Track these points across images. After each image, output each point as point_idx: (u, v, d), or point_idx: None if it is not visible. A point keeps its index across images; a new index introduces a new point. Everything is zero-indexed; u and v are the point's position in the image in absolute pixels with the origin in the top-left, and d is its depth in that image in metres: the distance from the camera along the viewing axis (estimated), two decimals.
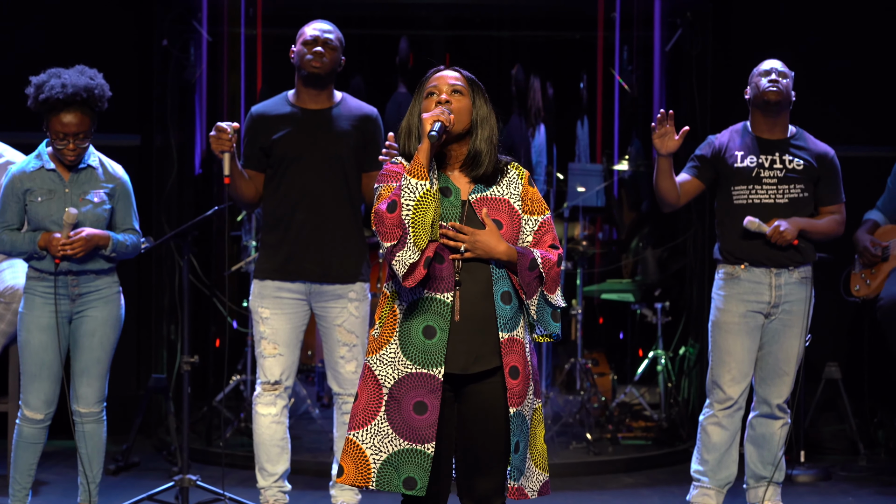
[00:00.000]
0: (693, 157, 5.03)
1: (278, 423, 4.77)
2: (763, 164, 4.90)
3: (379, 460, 3.30)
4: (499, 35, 8.23)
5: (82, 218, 4.55)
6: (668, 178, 4.84)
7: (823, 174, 4.96)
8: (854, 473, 6.23)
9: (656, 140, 4.75)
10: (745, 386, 4.91)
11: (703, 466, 4.97)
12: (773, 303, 4.89)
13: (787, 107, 4.93)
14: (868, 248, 6.14)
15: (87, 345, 4.65)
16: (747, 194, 4.89)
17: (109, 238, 4.58)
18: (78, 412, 4.71)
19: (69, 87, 4.48)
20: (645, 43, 7.66)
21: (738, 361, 4.89)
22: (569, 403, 7.18)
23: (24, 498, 4.72)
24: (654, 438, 6.79)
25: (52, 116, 4.50)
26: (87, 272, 4.60)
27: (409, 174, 3.23)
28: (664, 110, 4.79)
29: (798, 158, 4.92)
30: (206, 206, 6.06)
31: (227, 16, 7.34)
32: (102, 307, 4.66)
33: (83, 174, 4.62)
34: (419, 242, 3.21)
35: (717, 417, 4.92)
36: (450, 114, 3.30)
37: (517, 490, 3.40)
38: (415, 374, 3.28)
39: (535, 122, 7.89)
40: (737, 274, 4.90)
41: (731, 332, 4.89)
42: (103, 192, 4.63)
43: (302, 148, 4.69)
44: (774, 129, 4.95)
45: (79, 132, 4.52)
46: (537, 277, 3.35)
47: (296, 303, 4.75)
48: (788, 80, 4.93)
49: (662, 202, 4.93)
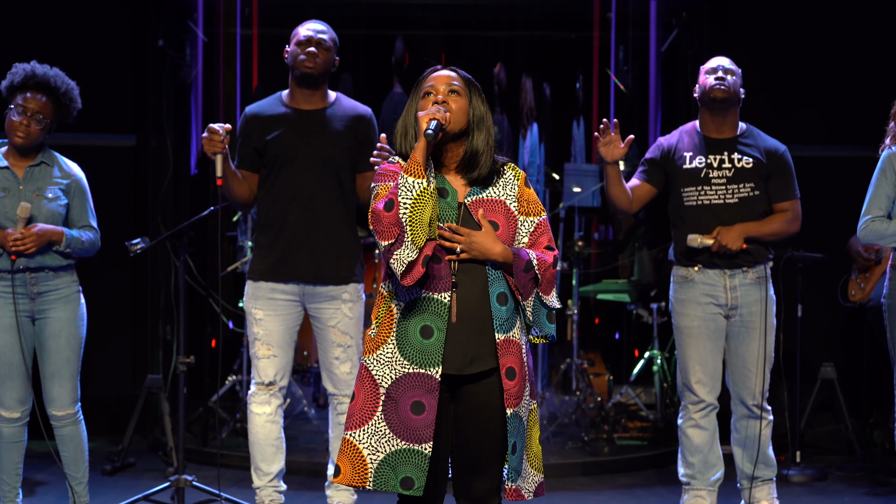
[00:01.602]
0: (643, 161, 5.03)
1: (273, 422, 4.77)
2: (711, 165, 4.88)
3: (376, 460, 3.29)
4: (494, 35, 8.24)
5: (36, 213, 4.55)
6: (618, 184, 4.86)
7: (774, 171, 4.91)
8: (850, 473, 6.23)
9: (602, 148, 4.78)
10: (715, 386, 4.91)
11: (690, 469, 4.97)
12: (729, 304, 4.88)
13: (735, 104, 4.90)
14: (861, 253, 6.14)
15: (55, 346, 4.65)
16: (696, 195, 4.88)
17: (63, 234, 4.58)
18: (54, 416, 4.69)
19: (47, 74, 4.59)
20: (641, 43, 7.67)
21: (702, 364, 4.89)
22: (565, 404, 7.19)
23: (15, 497, 4.72)
24: (650, 439, 6.79)
25: (17, 94, 4.56)
26: (45, 269, 4.60)
27: (406, 172, 3.22)
28: (606, 120, 4.82)
29: (747, 156, 4.89)
30: (202, 207, 6.06)
31: (223, 16, 7.34)
32: (64, 307, 4.65)
33: (37, 171, 4.63)
34: (417, 241, 3.21)
35: (694, 420, 4.93)
36: (446, 112, 3.30)
37: (514, 491, 3.40)
38: (412, 374, 3.28)
39: (528, 122, 7.90)
40: (691, 276, 4.89)
41: (693, 335, 4.89)
42: (58, 189, 4.64)
43: (295, 148, 4.69)
44: (723, 128, 4.93)
45: (38, 112, 4.55)
46: (533, 279, 3.35)
47: (289, 304, 4.75)
48: (736, 77, 4.89)
49: (615, 209, 4.95)
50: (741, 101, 4.91)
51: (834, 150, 7.02)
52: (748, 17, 7.06)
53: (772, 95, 6.78)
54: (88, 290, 4.84)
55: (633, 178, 5.00)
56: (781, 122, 6.43)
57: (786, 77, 6.96)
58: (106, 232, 4.94)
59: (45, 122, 4.58)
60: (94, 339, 6.58)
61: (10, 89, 4.59)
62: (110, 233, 6.20)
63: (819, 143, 6.96)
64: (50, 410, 4.68)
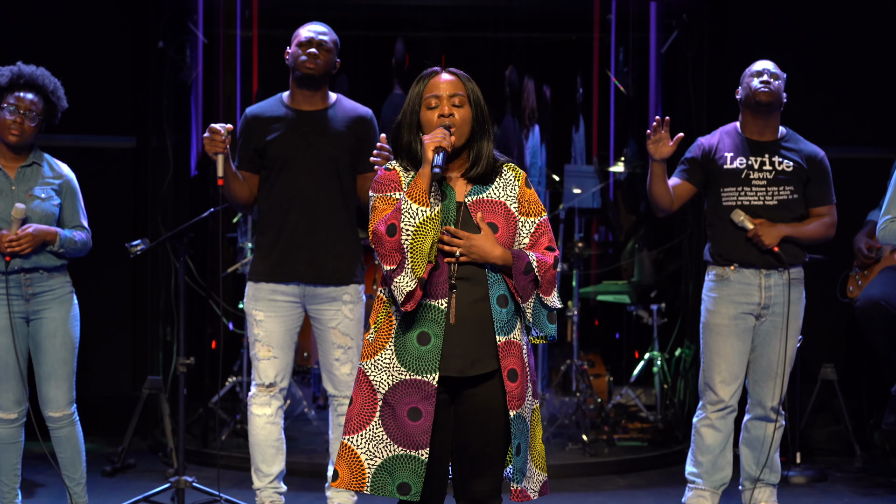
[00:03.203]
0: (683, 160, 5.03)
1: (273, 423, 4.77)
2: (752, 166, 4.90)
3: (373, 465, 3.30)
4: (494, 36, 8.24)
5: (30, 213, 4.56)
6: (662, 182, 4.85)
7: (813, 175, 4.95)
8: (850, 475, 6.24)
9: (650, 145, 4.77)
10: (737, 388, 4.92)
11: (698, 468, 4.97)
12: (762, 304, 4.89)
13: (778, 108, 4.93)
14: (862, 251, 6.15)
15: (50, 347, 4.65)
16: (736, 196, 4.89)
17: (57, 234, 4.59)
18: (51, 417, 4.69)
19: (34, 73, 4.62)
20: (641, 44, 7.66)
21: (728, 364, 4.89)
22: (565, 405, 7.19)
23: (14, 499, 4.73)
24: (650, 440, 6.79)
25: (7, 93, 4.57)
26: (39, 269, 4.61)
27: (410, 198, 3.22)
28: (660, 117, 4.81)
29: (788, 160, 4.92)
30: (202, 208, 6.06)
31: (223, 17, 7.34)
32: (58, 307, 4.66)
33: (28, 171, 4.64)
34: (417, 271, 3.21)
35: (710, 420, 4.93)
36: (451, 135, 3.29)
37: (520, 492, 3.41)
38: (409, 381, 3.28)
39: (530, 124, 7.90)
40: (727, 276, 4.90)
41: (722, 334, 4.90)
42: (50, 189, 4.65)
43: (296, 149, 4.69)
44: (765, 131, 4.95)
45: (30, 110, 4.57)
46: (532, 281, 3.35)
47: (290, 305, 4.75)
48: (780, 81, 4.93)
49: (657, 207, 4.94)
50: (783, 104, 4.93)
51: (834, 151, 6.98)
52: (748, 19, 7.06)
53: None
54: (89, 290, 4.85)
55: (673, 177, 4.99)
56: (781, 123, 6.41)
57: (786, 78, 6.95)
58: (106, 233, 4.95)
59: (37, 119, 4.60)
60: (94, 340, 6.63)
61: (6, 85, 4.60)
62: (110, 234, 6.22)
63: (819, 144, 6.96)
64: (46, 412, 4.68)
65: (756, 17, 7.06)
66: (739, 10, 7.06)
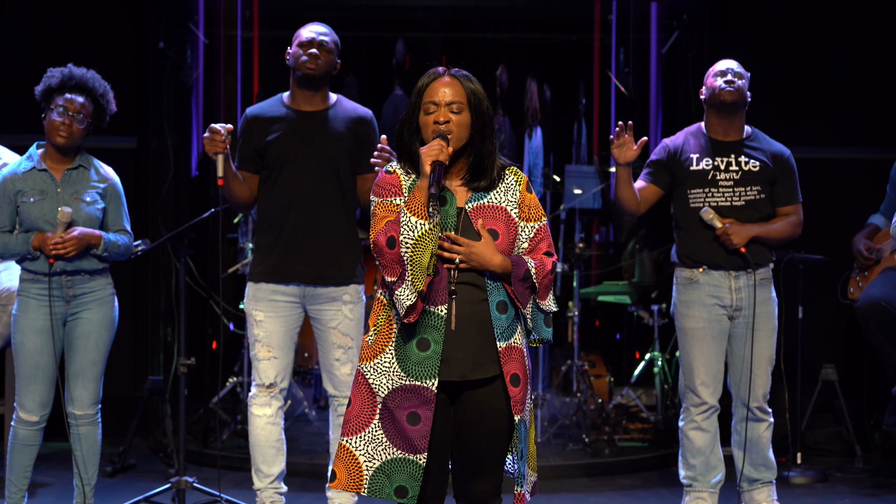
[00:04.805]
0: (648, 163, 5.03)
1: (273, 424, 4.77)
2: (719, 167, 4.88)
3: (371, 467, 3.31)
4: (495, 37, 8.24)
5: (76, 217, 4.57)
6: (628, 186, 4.87)
7: (779, 174, 4.93)
8: (850, 475, 6.23)
9: (615, 150, 4.79)
10: (717, 388, 4.92)
11: (692, 471, 4.97)
12: (734, 306, 4.88)
13: (742, 107, 4.91)
14: (862, 252, 6.15)
15: (82, 347, 4.66)
16: (703, 197, 4.88)
17: (101, 238, 4.60)
18: (73, 414, 4.71)
19: (84, 75, 4.62)
20: (641, 45, 7.67)
21: (706, 366, 4.89)
22: (565, 405, 7.19)
23: (21, 500, 4.72)
24: (651, 440, 6.79)
25: (57, 95, 4.56)
26: (81, 272, 4.61)
27: (409, 211, 3.22)
28: (622, 122, 4.82)
29: (754, 160, 4.90)
30: (203, 209, 6.06)
31: (224, 18, 7.34)
32: (97, 309, 4.66)
33: (74, 174, 4.64)
34: (417, 284, 3.21)
35: (696, 422, 4.93)
36: (448, 145, 3.28)
37: (521, 496, 3.41)
38: (408, 386, 3.28)
39: (532, 125, 7.89)
40: (695, 278, 4.90)
41: (697, 337, 4.90)
42: (95, 192, 4.65)
43: (296, 150, 4.69)
44: (729, 131, 4.94)
45: (79, 112, 4.57)
46: (530, 287, 3.35)
47: (290, 305, 4.75)
48: (744, 80, 4.90)
49: (623, 210, 4.95)
50: (748, 104, 4.92)
51: (834, 152, 7.02)
52: (748, 19, 7.06)
53: (772, 97, 6.77)
54: None
55: (639, 180, 4.99)
56: (781, 124, 6.43)
57: (786, 79, 6.96)
58: None
59: (86, 122, 4.60)
60: None
61: (46, 92, 4.60)
62: None
63: (819, 144, 6.96)
64: (70, 409, 4.70)
65: (756, 18, 7.06)
66: (739, 10, 7.07)
